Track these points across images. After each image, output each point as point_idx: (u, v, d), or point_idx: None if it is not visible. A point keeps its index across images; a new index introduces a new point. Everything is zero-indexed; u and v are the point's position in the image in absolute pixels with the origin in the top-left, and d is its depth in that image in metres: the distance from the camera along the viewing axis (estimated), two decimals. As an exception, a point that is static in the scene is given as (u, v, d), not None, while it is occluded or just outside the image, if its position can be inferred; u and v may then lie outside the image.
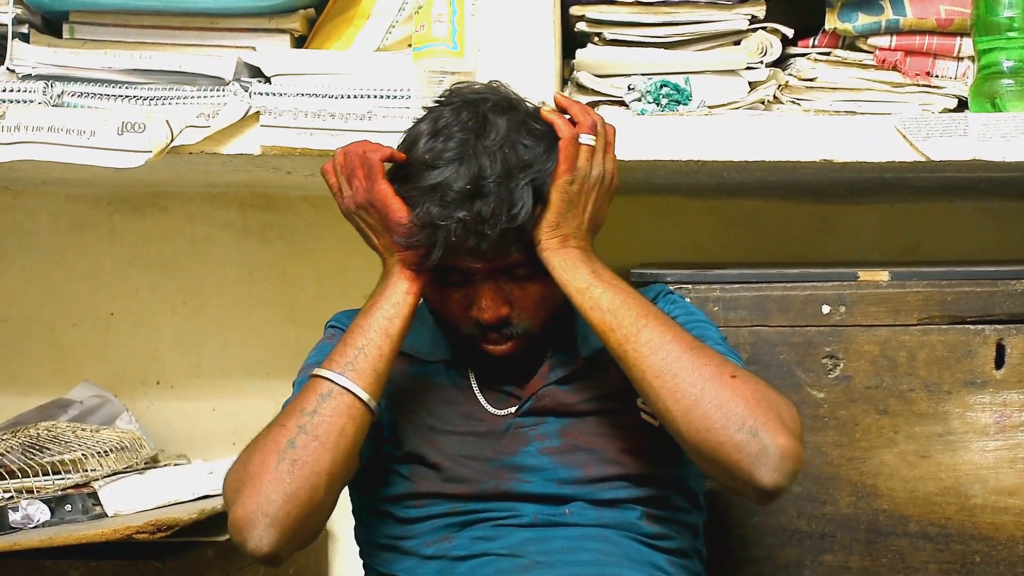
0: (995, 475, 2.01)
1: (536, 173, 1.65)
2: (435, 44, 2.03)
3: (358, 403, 1.62)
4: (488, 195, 1.61)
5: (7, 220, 2.65)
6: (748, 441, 1.51)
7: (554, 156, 1.67)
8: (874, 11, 2.13)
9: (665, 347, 1.59)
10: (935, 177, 2.24)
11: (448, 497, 1.71)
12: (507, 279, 1.69)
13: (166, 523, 1.83)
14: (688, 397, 1.56)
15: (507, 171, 1.62)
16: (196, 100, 2.07)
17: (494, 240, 1.62)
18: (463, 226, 1.60)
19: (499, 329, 1.69)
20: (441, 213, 1.61)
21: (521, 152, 1.65)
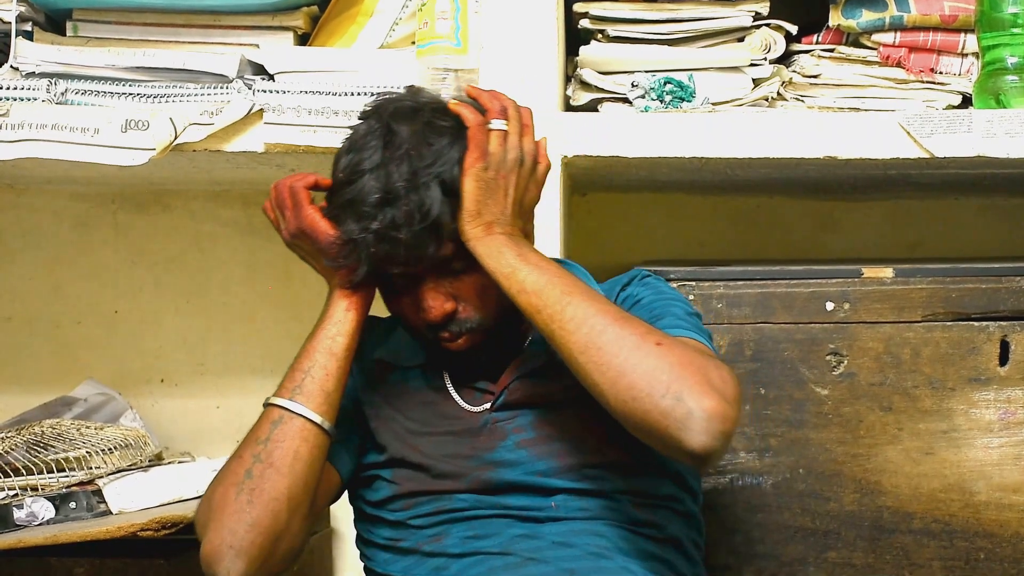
0: (999, 472, 2.00)
1: (442, 167, 1.63)
2: (438, 41, 2.03)
3: (309, 425, 1.65)
4: (398, 200, 1.61)
5: (11, 218, 2.65)
6: (673, 406, 1.50)
7: (461, 146, 1.65)
8: (878, 7, 2.13)
9: (589, 321, 1.58)
10: (939, 174, 2.24)
11: (433, 494, 1.70)
12: (446, 276, 1.68)
13: (170, 521, 1.83)
14: (613, 368, 1.54)
15: (413, 173, 1.62)
16: (200, 98, 2.07)
17: (412, 244, 1.62)
18: (378, 236, 1.61)
19: (449, 327, 1.69)
20: (358, 227, 1.62)
21: (425, 152, 1.64)
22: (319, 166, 2.20)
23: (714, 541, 2.00)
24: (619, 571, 1.62)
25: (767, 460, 2.03)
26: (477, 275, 1.67)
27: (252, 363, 2.62)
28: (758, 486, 2.03)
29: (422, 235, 1.62)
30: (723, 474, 2.03)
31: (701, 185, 2.48)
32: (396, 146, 1.64)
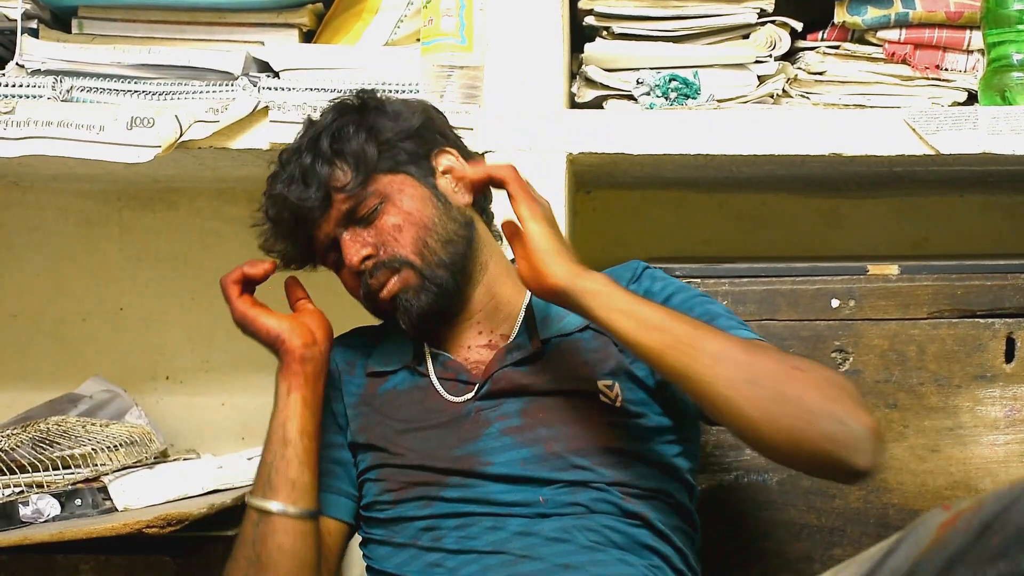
0: (1005, 469, 2.00)
1: (344, 116, 1.76)
2: (443, 39, 2.04)
3: (284, 518, 1.68)
4: (300, 158, 1.74)
5: (16, 215, 2.65)
6: (836, 430, 1.48)
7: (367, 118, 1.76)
8: (883, 4, 2.13)
9: (728, 354, 1.54)
10: (944, 170, 2.24)
11: (420, 485, 1.71)
12: (356, 225, 1.74)
13: (176, 517, 1.83)
14: (767, 400, 1.50)
15: (316, 136, 1.74)
16: (205, 95, 2.07)
17: (309, 179, 1.72)
18: (288, 184, 1.73)
19: (374, 272, 1.72)
20: (268, 199, 1.78)
21: (328, 121, 1.76)
22: (324, 163, 2.20)
23: (720, 538, 2.00)
24: (614, 563, 1.63)
25: (772, 457, 2.03)
26: (385, 215, 1.73)
27: (257, 360, 2.59)
28: (764, 483, 2.03)
29: (318, 165, 1.72)
30: (728, 471, 2.03)
31: (706, 182, 2.48)
32: (308, 135, 1.77)
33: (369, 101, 1.78)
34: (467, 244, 1.76)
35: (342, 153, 1.72)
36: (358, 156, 1.72)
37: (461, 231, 1.76)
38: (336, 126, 1.74)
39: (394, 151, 1.75)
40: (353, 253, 1.72)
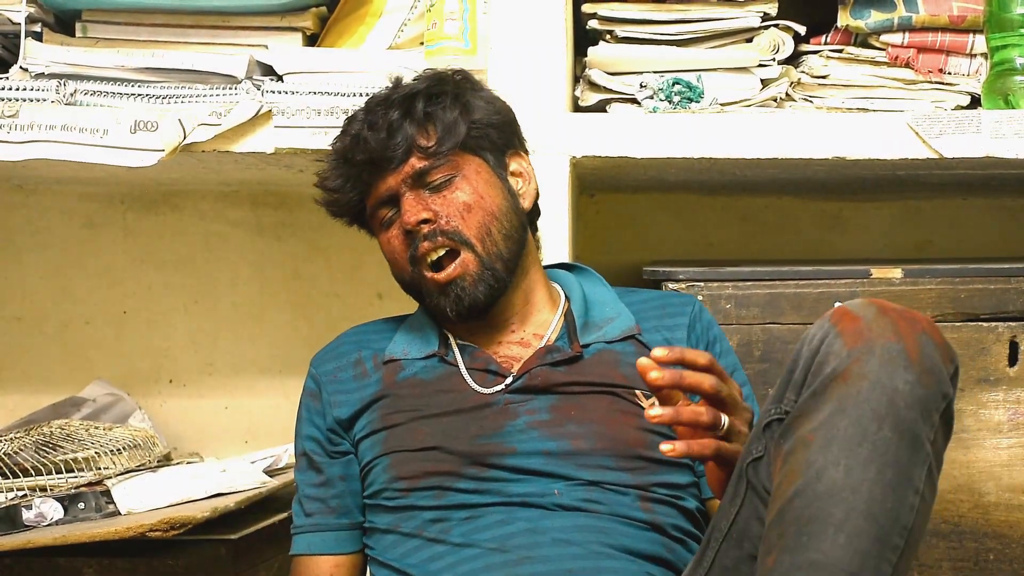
0: (1009, 472, 2.00)
1: (439, 83, 1.79)
2: (447, 42, 2.04)
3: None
4: (388, 111, 1.75)
5: (21, 218, 2.65)
6: None
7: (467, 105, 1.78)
8: (887, 8, 2.13)
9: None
10: (948, 174, 2.24)
11: (434, 475, 1.70)
12: (422, 188, 1.75)
13: (179, 521, 1.83)
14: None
15: (411, 96, 1.76)
16: (208, 98, 2.07)
17: (397, 128, 1.73)
18: (370, 129, 1.74)
19: (429, 237, 1.73)
20: (347, 135, 1.78)
21: (416, 80, 1.80)
22: (328, 167, 2.20)
23: (723, 542, 2.00)
24: (620, 572, 1.62)
25: (776, 461, 2.03)
26: (459, 191, 1.75)
27: (261, 363, 2.63)
28: (767, 487, 2.03)
29: (404, 122, 1.74)
30: (732, 475, 2.03)
31: (710, 185, 2.48)
32: (399, 92, 1.78)
33: (466, 80, 1.82)
34: (521, 245, 1.79)
35: (433, 118, 1.75)
36: (448, 126, 1.75)
37: (520, 231, 1.79)
38: (433, 91, 1.77)
39: (481, 133, 1.78)
40: (413, 213, 1.73)
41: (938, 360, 1.38)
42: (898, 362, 1.36)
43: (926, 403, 1.36)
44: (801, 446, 1.36)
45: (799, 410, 1.39)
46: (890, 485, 1.32)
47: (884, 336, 1.37)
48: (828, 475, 1.32)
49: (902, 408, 1.34)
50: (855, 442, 1.33)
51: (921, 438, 1.35)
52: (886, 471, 1.32)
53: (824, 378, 1.37)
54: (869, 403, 1.34)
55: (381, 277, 2.18)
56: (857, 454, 1.33)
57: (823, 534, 1.30)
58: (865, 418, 1.34)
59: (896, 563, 1.32)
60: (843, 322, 1.40)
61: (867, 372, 1.35)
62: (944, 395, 1.38)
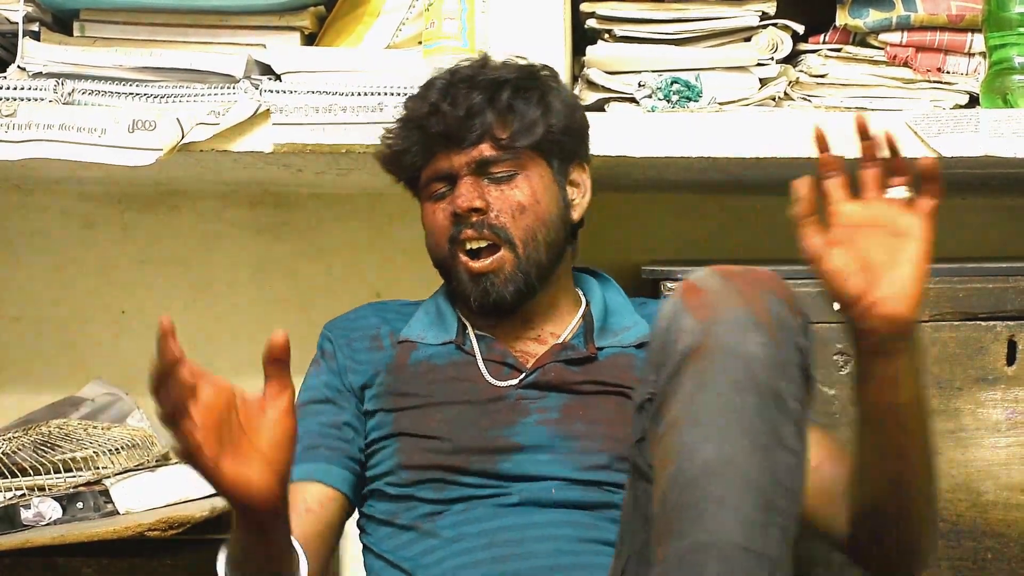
0: (1007, 472, 2.00)
1: (527, 76, 1.78)
2: (446, 41, 2.04)
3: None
4: (471, 94, 1.74)
5: (18, 218, 2.65)
6: None
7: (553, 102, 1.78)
8: (885, 7, 2.13)
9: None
10: (946, 173, 2.21)
11: (441, 469, 1.71)
12: (485, 178, 1.75)
13: (177, 520, 1.84)
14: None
15: (498, 83, 1.75)
16: (207, 98, 2.07)
17: (477, 112, 1.72)
18: (452, 105, 1.73)
19: (476, 226, 1.73)
20: (422, 99, 1.77)
21: (504, 64, 1.80)
22: (326, 165, 2.21)
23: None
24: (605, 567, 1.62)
25: (774, 460, 2.03)
26: (518, 190, 1.75)
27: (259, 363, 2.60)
28: (765, 486, 2.03)
29: (485, 109, 1.73)
30: (730, 474, 2.03)
31: (708, 185, 2.48)
32: (481, 68, 1.78)
33: (553, 79, 1.82)
34: (561, 255, 1.81)
35: (515, 111, 1.75)
36: (528, 124, 1.75)
37: (563, 241, 1.81)
38: (521, 84, 1.77)
39: (555, 139, 1.79)
40: (468, 199, 1.73)
41: (786, 315, 1.38)
42: (747, 327, 1.36)
43: (782, 361, 1.36)
44: (671, 428, 1.35)
45: (663, 392, 1.38)
46: (763, 450, 1.32)
47: (730, 303, 1.37)
48: (701, 454, 1.32)
49: (759, 372, 1.34)
50: (721, 415, 1.33)
51: (784, 396, 1.35)
52: (757, 437, 1.32)
53: (679, 356, 1.37)
54: (726, 374, 1.34)
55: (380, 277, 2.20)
56: (725, 427, 1.32)
57: (707, 514, 1.29)
58: (726, 390, 1.33)
59: (785, 525, 1.32)
60: (689, 296, 1.40)
61: (719, 343, 1.35)
62: (799, 348, 1.38)
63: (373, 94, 2.05)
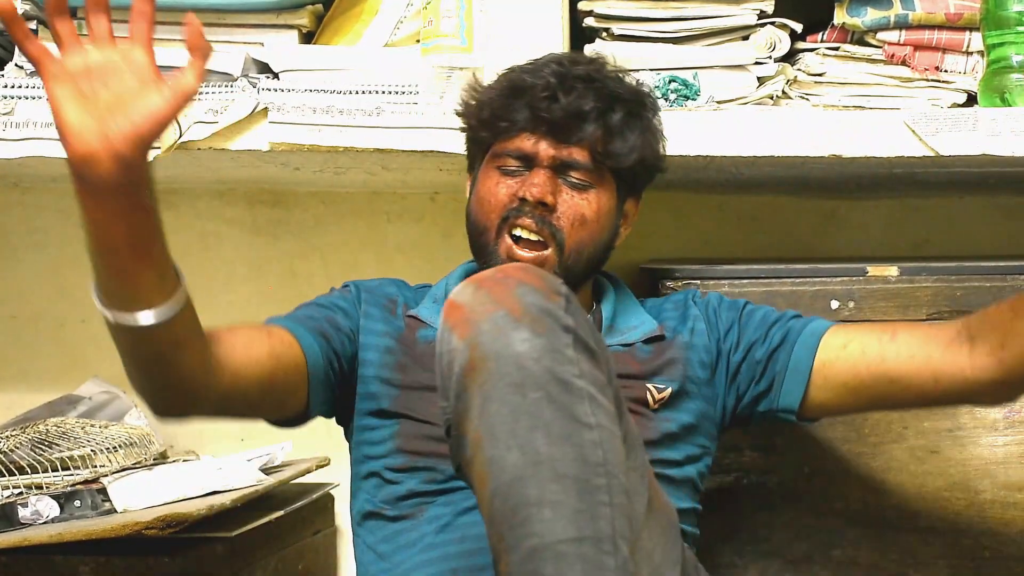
0: (1004, 470, 2.00)
1: (638, 102, 1.79)
2: (443, 39, 2.03)
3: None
4: (578, 69, 1.74)
5: (16, 216, 2.65)
6: None
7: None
8: (883, 6, 2.13)
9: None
10: (944, 172, 2.24)
11: (430, 456, 1.71)
12: (562, 178, 1.75)
13: (175, 519, 1.83)
14: None
15: (598, 71, 1.76)
16: (204, 96, 2.07)
17: (588, 118, 1.71)
18: (567, 95, 1.71)
19: (536, 219, 1.73)
20: (527, 76, 1.74)
21: (621, 79, 1.79)
22: (324, 164, 2.21)
23: (719, 540, 2.00)
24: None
25: (772, 459, 2.03)
26: (587, 200, 1.75)
27: (257, 361, 2.62)
28: (763, 484, 2.03)
29: (602, 100, 1.73)
30: (728, 472, 2.03)
31: (706, 183, 2.48)
32: (585, 66, 1.77)
33: (654, 111, 1.82)
34: (593, 273, 1.82)
35: (620, 134, 1.75)
36: (626, 149, 1.76)
37: (602, 262, 1.83)
38: (634, 109, 1.77)
39: (636, 172, 1.80)
40: (541, 191, 1.72)
41: (542, 301, 1.39)
42: (507, 327, 1.37)
43: (552, 347, 1.37)
44: (474, 448, 1.37)
45: (456, 415, 1.40)
46: (561, 438, 1.34)
47: (485, 310, 1.38)
48: (507, 463, 1.33)
49: (532, 366, 1.35)
50: (512, 420, 1.34)
51: (566, 379, 1.36)
52: (552, 428, 1.34)
53: (458, 376, 1.38)
54: (503, 379, 1.35)
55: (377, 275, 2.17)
56: (519, 430, 1.34)
57: (530, 519, 1.31)
58: (508, 395, 1.35)
59: (612, 500, 1.34)
60: (451, 315, 1.41)
61: (487, 353, 1.36)
62: (566, 328, 1.39)
63: (371, 93, 2.05)
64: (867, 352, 1.74)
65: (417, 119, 2.02)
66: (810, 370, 1.77)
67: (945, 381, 1.69)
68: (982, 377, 1.66)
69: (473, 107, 1.81)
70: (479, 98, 1.81)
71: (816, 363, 1.77)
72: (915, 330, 1.74)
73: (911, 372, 1.71)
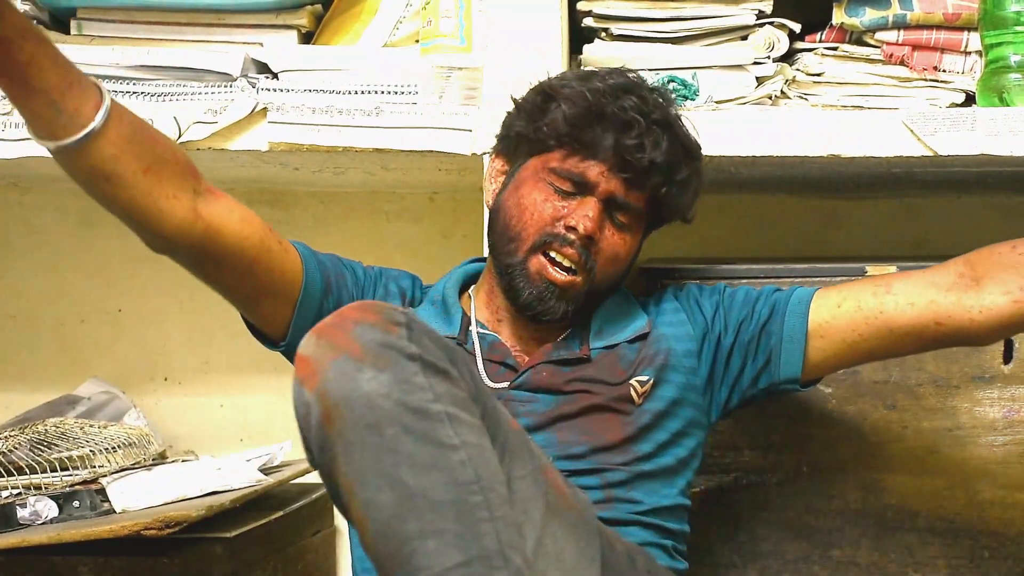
0: (1003, 470, 2.00)
1: (697, 156, 1.81)
2: (442, 39, 2.04)
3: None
4: (657, 112, 1.73)
5: (15, 216, 2.65)
6: None
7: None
8: (881, 6, 2.13)
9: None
10: (943, 172, 2.24)
11: None
12: (609, 209, 1.74)
13: (174, 519, 1.83)
14: None
15: (673, 119, 1.77)
16: (203, 96, 2.07)
17: (654, 141, 1.71)
18: (637, 139, 1.70)
19: (578, 250, 1.72)
20: (608, 99, 1.71)
21: (685, 127, 1.79)
22: (323, 164, 2.21)
23: (718, 539, 2.00)
24: None
25: (771, 458, 2.03)
26: (629, 240, 1.77)
27: (256, 361, 2.62)
28: (762, 484, 2.03)
29: (675, 154, 1.74)
30: (727, 472, 2.03)
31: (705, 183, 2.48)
32: (652, 98, 1.76)
33: (701, 164, 1.83)
34: (605, 298, 1.81)
35: (680, 193, 1.78)
36: (677, 207, 1.80)
37: (617, 288, 1.83)
38: (697, 167, 1.81)
39: (671, 216, 1.82)
40: (592, 227, 1.71)
41: (381, 335, 1.38)
42: (349, 370, 1.36)
43: (398, 379, 1.36)
44: (349, 496, 1.37)
45: (324, 467, 1.39)
46: (427, 467, 1.34)
47: (326, 358, 1.37)
48: (382, 504, 1.33)
49: (382, 403, 1.35)
50: (376, 460, 1.34)
51: (422, 406, 1.36)
52: (415, 459, 1.34)
53: (316, 429, 1.37)
54: (359, 422, 1.35)
55: (376, 275, 2.17)
56: (385, 468, 1.34)
57: (415, 553, 1.32)
58: (367, 436, 1.34)
59: (492, 514, 1.34)
60: (300, 369, 1.40)
61: (337, 400, 1.35)
62: (410, 356, 1.38)
63: (370, 93, 2.05)
64: (863, 307, 1.75)
65: (416, 119, 2.02)
66: (805, 336, 1.78)
67: (949, 324, 1.71)
68: (991, 318, 1.69)
69: (545, 110, 1.75)
70: (552, 104, 1.75)
71: (811, 327, 1.78)
72: (910, 278, 1.76)
73: (911, 319, 1.73)
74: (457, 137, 2.01)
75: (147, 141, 1.59)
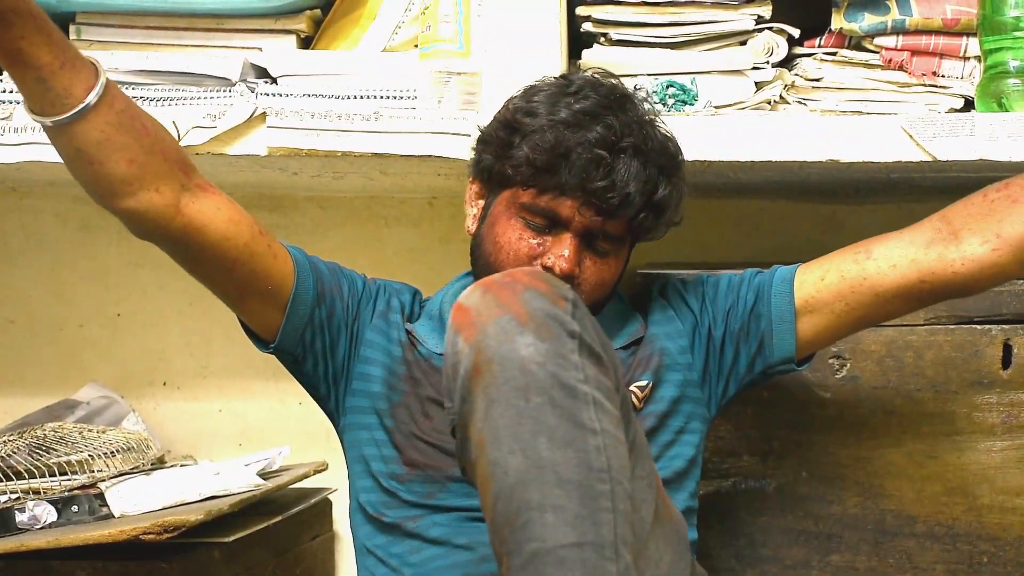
0: (1002, 475, 2.00)
1: (675, 167, 1.76)
2: (441, 44, 2.04)
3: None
4: (627, 139, 1.67)
5: (14, 221, 2.65)
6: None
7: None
8: (880, 11, 2.13)
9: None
10: (942, 177, 2.24)
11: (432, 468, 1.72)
12: (588, 247, 1.72)
13: (173, 524, 1.83)
14: None
15: (644, 139, 1.70)
16: (202, 101, 2.07)
17: (624, 175, 1.66)
18: (604, 166, 1.66)
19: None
20: (573, 135, 1.66)
21: (660, 139, 1.73)
22: (322, 168, 2.21)
23: (717, 544, 2.00)
24: None
25: (770, 463, 2.03)
26: (610, 267, 1.74)
27: (255, 366, 2.62)
28: (761, 489, 2.03)
29: (649, 178, 1.70)
30: (726, 477, 2.03)
31: (704, 188, 2.48)
32: (629, 114, 1.71)
33: (682, 170, 1.80)
34: (599, 311, 1.79)
35: (663, 212, 1.74)
36: (656, 227, 1.76)
37: (606, 303, 1.81)
38: (676, 182, 1.77)
39: (658, 231, 1.79)
40: (569, 267, 1.68)
41: (548, 306, 1.39)
42: (512, 332, 1.37)
43: (557, 352, 1.37)
44: (478, 451, 1.37)
45: (462, 417, 1.41)
46: (564, 443, 1.34)
47: (491, 314, 1.39)
48: (511, 467, 1.34)
49: (537, 371, 1.36)
50: (516, 424, 1.35)
51: (570, 384, 1.36)
52: (555, 433, 1.34)
53: (463, 379, 1.39)
54: (508, 383, 1.36)
55: (375, 280, 2.17)
56: (523, 434, 1.34)
57: (532, 523, 1.31)
58: (512, 398, 1.35)
59: (615, 506, 1.34)
60: (457, 318, 1.42)
61: (492, 357, 1.37)
62: (571, 333, 1.39)
63: (369, 97, 2.05)
64: (847, 276, 1.77)
65: (415, 124, 2.02)
66: (794, 314, 1.79)
67: (933, 280, 1.73)
68: (974, 269, 1.71)
69: (510, 144, 1.72)
70: (516, 138, 1.71)
71: (798, 303, 1.79)
72: (888, 240, 1.79)
73: (896, 281, 1.75)
74: (456, 142, 2.01)
75: (137, 131, 1.60)
